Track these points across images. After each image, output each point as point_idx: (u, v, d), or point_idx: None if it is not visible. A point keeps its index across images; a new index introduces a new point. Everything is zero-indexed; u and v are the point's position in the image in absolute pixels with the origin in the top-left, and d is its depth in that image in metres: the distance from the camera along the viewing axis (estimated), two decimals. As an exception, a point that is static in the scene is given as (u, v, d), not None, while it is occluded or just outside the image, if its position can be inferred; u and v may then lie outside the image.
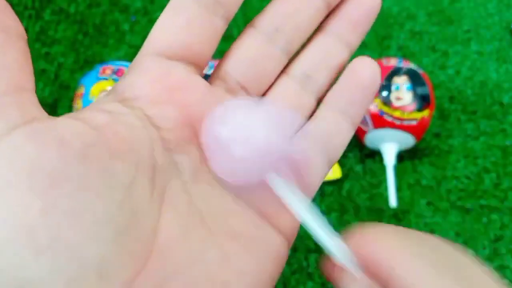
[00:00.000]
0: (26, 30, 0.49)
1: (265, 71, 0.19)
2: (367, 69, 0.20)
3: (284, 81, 0.20)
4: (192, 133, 0.17)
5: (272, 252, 0.17)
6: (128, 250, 0.14)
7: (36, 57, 0.48)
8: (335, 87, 0.20)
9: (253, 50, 0.19)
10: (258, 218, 0.17)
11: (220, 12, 0.18)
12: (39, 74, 0.47)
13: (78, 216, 0.13)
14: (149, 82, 0.17)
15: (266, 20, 0.19)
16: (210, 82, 0.19)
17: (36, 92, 0.15)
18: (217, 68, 0.19)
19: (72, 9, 0.51)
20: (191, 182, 0.16)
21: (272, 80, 0.20)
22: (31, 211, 0.12)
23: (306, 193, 0.18)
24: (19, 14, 0.50)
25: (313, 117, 0.20)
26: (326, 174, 0.20)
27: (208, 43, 0.18)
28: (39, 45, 0.49)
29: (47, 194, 0.13)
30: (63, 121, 0.14)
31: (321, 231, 0.15)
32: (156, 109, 0.17)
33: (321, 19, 0.20)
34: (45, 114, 0.15)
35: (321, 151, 0.19)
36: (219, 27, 0.18)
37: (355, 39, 0.20)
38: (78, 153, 0.14)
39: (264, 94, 0.20)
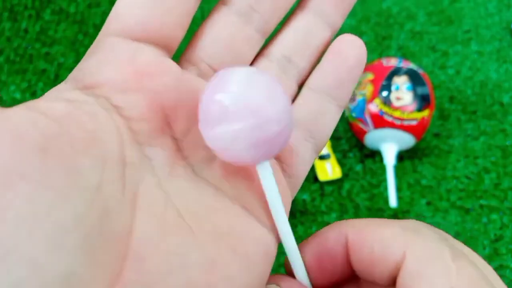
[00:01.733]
0: (26, 30, 0.49)
1: (240, 53, 0.18)
2: (352, 48, 0.18)
3: (262, 64, 0.18)
4: (165, 123, 0.15)
5: (261, 250, 0.16)
6: (99, 259, 0.12)
7: (36, 57, 0.48)
8: (318, 68, 0.19)
9: (226, 31, 0.17)
10: (242, 213, 0.16)
11: None
12: (39, 74, 0.47)
13: (37, 222, 0.11)
14: (113, 66, 0.15)
15: None
16: (180, 66, 0.17)
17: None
18: (187, 50, 0.18)
19: (72, 9, 0.51)
20: (166, 178, 0.15)
21: (248, 64, 0.18)
22: None
23: (294, 183, 0.18)
24: (19, 14, 0.50)
25: (295, 102, 0.19)
26: (313, 160, 0.18)
27: (179, 23, 0.16)
28: (39, 45, 0.49)
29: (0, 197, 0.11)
30: (17, 112, 0.12)
31: (289, 235, 0.16)
32: (123, 97, 0.15)
33: None
34: None
35: (307, 138, 0.18)
36: (191, 5, 0.16)
37: (338, 17, 0.19)
38: (36, 147, 0.12)
39: None
